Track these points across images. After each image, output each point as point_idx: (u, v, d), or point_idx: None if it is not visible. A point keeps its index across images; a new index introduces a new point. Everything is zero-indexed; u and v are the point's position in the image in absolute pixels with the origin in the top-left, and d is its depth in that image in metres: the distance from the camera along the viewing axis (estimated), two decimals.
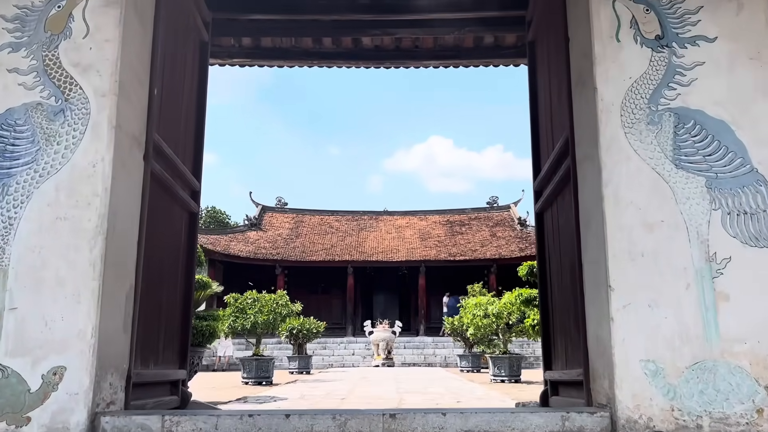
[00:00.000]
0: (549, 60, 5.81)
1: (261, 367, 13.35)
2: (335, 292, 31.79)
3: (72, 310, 3.90)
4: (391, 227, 33.96)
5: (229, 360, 23.34)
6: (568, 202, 4.99)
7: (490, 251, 29.36)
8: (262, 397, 8.96)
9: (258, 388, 12.03)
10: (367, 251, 30.14)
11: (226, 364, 23.21)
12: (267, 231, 32.38)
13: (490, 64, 7.46)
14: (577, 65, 4.65)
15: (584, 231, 4.46)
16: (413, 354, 25.21)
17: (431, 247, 30.58)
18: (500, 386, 12.07)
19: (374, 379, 14.11)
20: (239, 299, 13.75)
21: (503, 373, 13.25)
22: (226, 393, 10.65)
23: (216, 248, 27.96)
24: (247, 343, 14.05)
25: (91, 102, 4.18)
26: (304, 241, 31.51)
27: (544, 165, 5.92)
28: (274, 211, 35.11)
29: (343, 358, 25.02)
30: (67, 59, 4.25)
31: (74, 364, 3.81)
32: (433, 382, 12.16)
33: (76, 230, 4.00)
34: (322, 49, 7.22)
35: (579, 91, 4.61)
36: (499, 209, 35.21)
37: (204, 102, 6.50)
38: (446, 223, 34.23)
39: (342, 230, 33.41)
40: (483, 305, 13.60)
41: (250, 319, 13.27)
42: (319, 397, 8.94)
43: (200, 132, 6.41)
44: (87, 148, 4.12)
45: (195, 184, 6.17)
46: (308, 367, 19.57)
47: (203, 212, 50.82)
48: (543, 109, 6.14)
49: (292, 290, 31.21)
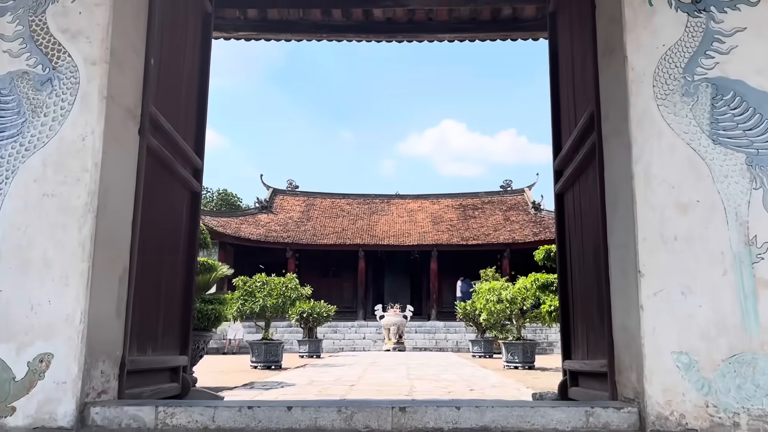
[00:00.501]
0: (572, 31, 5.46)
1: (270, 352, 13.17)
2: (346, 275, 31.62)
3: (60, 294, 3.65)
4: (402, 211, 33.65)
5: (239, 343, 23.26)
6: (593, 182, 4.67)
7: (504, 236, 28.99)
8: (270, 383, 8.75)
9: (266, 373, 11.85)
10: (379, 235, 29.88)
11: (236, 347, 23.14)
12: (278, 214, 32.19)
13: (508, 38, 7.09)
14: (605, 33, 4.30)
15: (611, 212, 4.15)
16: (424, 338, 25.01)
17: (443, 231, 30.26)
18: (514, 373, 11.81)
19: (385, 363, 13.90)
20: (248, 282, 13.55)
21: (517, 359, 12.98)
22: (233, 378, 10.47)
23: (226, 231, 27.82)
24: (257, 326, 13.88)
25: (80, 71, 3.90)
26: (315, 224, 31.29)
27: (565, 143, 5.59)
28: (285, 194, 34.90)
29: (354, 341, 24.87)
30: (55, 24, 3.96)
31: (62, 351, 3.57)
32: (445, 369, 11.92)
33: (64, 208, 3.74)
34: (332, 22, 6.88)
35: (606, 61, 4.27)
36: (513, 193, 34.76)
37: (206, 76, 6.20)
38: (459, 206, 33.86)
39: (353, 213, 33.15)
40: (497, 290, 13.30)
41: (259, 303, 13.07)
42: (327, 383, 8.72)
43: (202, 108, 6.12)
44: (76, 120, 3.85)
45: (197, 161, 5.89)
46: (318, 351, 19.41)
47: (214, 195, 50.76)
48: (564, 83, 5.79)
49: (302, 273, 31.08)
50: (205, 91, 6.16)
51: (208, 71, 6.22)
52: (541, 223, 30.05)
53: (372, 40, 7.09)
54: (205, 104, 6.15)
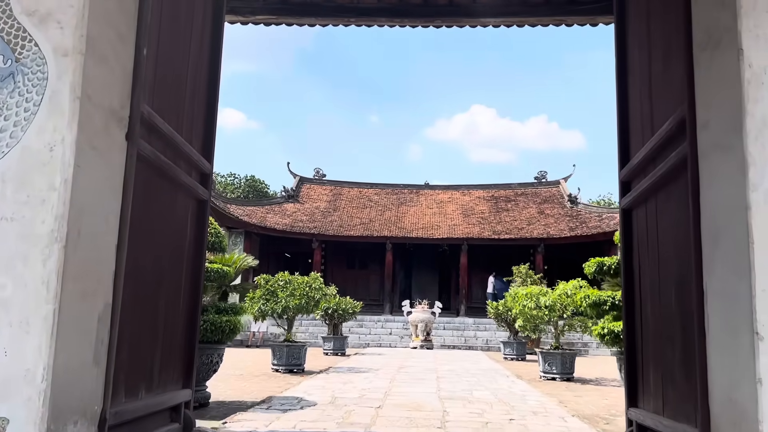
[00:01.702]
0: (650, 15, 4.55)
1: (292, 354, 12.51)
2: (373, 267, 30.92)
3: (18, 343, 2.92)
4: (432, 202, 32.76)
5: (263, 336, 22.74)
6: (679, 203, 3.79)
7: (538, 230, 27.93)
8: (288, 400, 8.05)
9: (288, 379, 11.19)
10: (407, 227, 29.05)
11: (260, 340, 22.63)
12: (304, 203, 31.57)
13: (562, 23, 6.18)
14: (707, 19, 3.40)
15: (709, 247, 3.27)
16: (453, 336, 24.20)
17: (474, 224, 29.30)
18: (552, 387, 10.96)
19: (413, 371, 13.13)
20: (270, 281, 12.87)
21: (554, 370, 12.10)
22: (252, 386, 9.81)
23: (252, 220, 27.27)
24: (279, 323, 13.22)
25: (49, 63, 3.14)
26: (341, 214, 30.59)
27: (636, 151, 4.70)
28: (312, 183, 34.25)
29: (380, 337, 24.18)
30: (20, 6, 3.20)
31: (20, 415, 2.85)
32: (477, 380, 11.10)
33: (25, 235, 3.00)
34: (361, 4, 6.06)
35: (708, 56, 3.37)
36: (548, 185, 33.58)
37: (218, 67, 5.44)
38: (491, 198, 32.83)
39: (381, 204, 32.36)
40: (534, 295, 12.42)
41: (281, 303, 12.39)
42: (350, 401, 7.99)
43: (212, 104, 5.36)
44: (43, 125, 3.10)
45: (204, 165, 5.14)
46: (343, 348, 18.76)
47: (242, 181, 50.39)
48: (637, 80, 4.88)
49: (328, 265, 30.49)
50: (216, 84, 5.40)
51: (220, 61, 5.45)
52: (577, 218, 28.89)
53: (406, 25, 6.25)
54: (215, 99, 5.40)
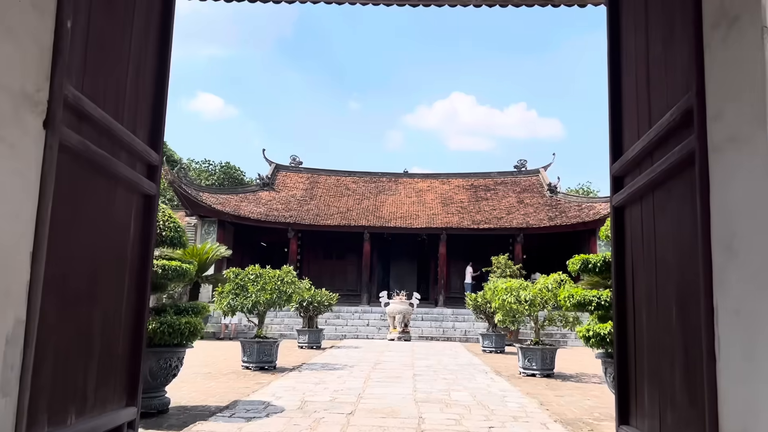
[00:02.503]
0: None
1: (263, 351, 12.01)
2: (350, 257, 30.45)
3: None
4: (411, 191, 32.30)
5: (236, 328, 22.21)
6: (683, 202, 3.36)
7: (517, 219, 27.63)
8: (254, 405, 7.56)
9: (258, 377, 10.71)
10: (385, 216, 28.57)
11: (233, 332, 22.10)
12: (280, 191, 30.91)
13: (549, 4, 5.70)
14: None
15: (723, 257, 2.84)
16: (431, 327, 23.85)
17: (453, 213, 28.92)
18: (532, 384, 10.62)
19: (389, 367, 12.71)
20: (240, 275, 12.32)
21: (534, 366, 11.77)
22: (217, 387, 9.31)
23: (225, 209, 26.60)
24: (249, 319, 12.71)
25: None
26: (318, 203, 30.00)
27: (631, 144, 4.26)
28: (288, 171, 33.57)
29: (357, 329, 23.75)
30: None
31: None
32: (456, 380, 10.70)
33: None
34: None
35: (721, 35, 2.92)
36: (528, 174, 33.29)
37: (167, 48, 4.87)
38: (470, 187, 32.47)
39: (359, 192, 31.82)
40: (515, 290, 12.04)
41: (251, 298, 11.86)
42: (321, 406, 7.54)
43: (161, 89, 4.79)
44: None
45: (152, 156, 4.59)
46: (319, 341, 18.31)
47: (216, 168, 49.42)
48: (631, 65, 4.43)
49: (305, 254, 29.96)
50: (166, 66, 4.84)
51: (170, 40, 4.89)
52: (557, 207, 28.66)
53: (380, 3, 5.72)
54: (164, 84, 4.83)
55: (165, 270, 7.03)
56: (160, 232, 7.29)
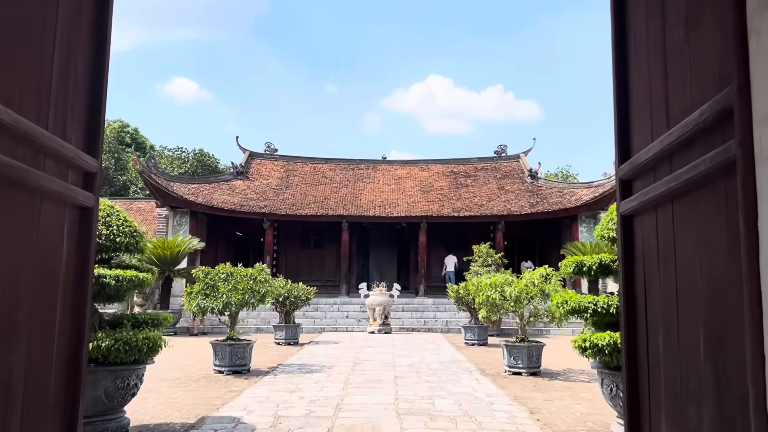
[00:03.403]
0: None
1: (236, 354, 11.39)
2: (329, 247, 29.83)
3: None
4: (390, 178, 31.68)
5: (209, 323, 21.52)
6: (716, 221, 2.80)
7: (498, 207, 27.18)
8: (223, 422, 6.97)
9: (230, 384, 10.11)
10: (364, 205, 27.94)
11: (206, 327, 21.40)
12: (255, 180, 30.08)
13: None
14: None
15: None
16: (412, 318, 23.39)
17: (433, 201, 28.38)
18: (519, 384, 10.17)
19: (369, 367, 12.17)
20: (210, 274, 11.65)
21: (520, 364, 11.31)
22: (185, 398, 8.67)
23: (197, 199, 25.75)
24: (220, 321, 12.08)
25: None
26: (294, 192, 29.24)
27: (644, 145, 3.69)
28: (263, 158, 32.70)
29: (336, 321, 23.19)
30: None
31: None
32: (440, 383, 10.17)
33: None
34: None
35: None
36: (508, 159, 32.83)
37: (105, 31, 4.17)
38: (450, 173, 31.94)
39: (337, 180, 31.13)
40: (499, 285, 11.54)
41: (221, 299, 11.21)
42: (295, 422, 6.97)
43: (98, 87, 4.08)
44: None
45: (87, 162, 3.91)
46: (296, 336, 17.72)
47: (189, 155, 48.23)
48: (642, 52, 3.85)
49: (282, 245, 29.28)
50: (104, 60, 4.12)
51: (108, 22, 4.20)
52: (538, 193, 28.27)
53: None
54: (103, 75, 4.13)
55: (119, 281, 6.37)
56: (114, 238, 6.62)
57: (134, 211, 33.15)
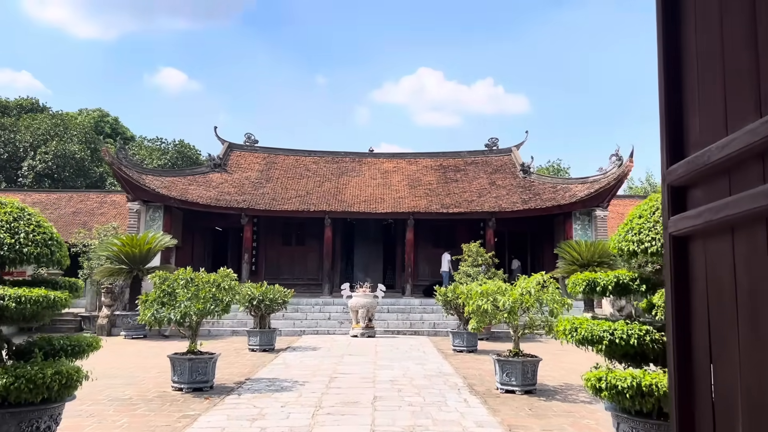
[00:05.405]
0: None
1: (197, 369, 10.18)
2: (311, 243, 28.55)
3: None
4: (376, 172, 30.39)
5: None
6: None
7: (489, 202, 26.00)
8: None
9: (186, 406, 8.91)
10: (348, 200, 26.66)
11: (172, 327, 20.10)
12: (233, 173, 28.69)
13: None
14: None
15: None
16: (398, 320, 22.21)
17: (421, 196, 27.15)
18: (512, 407, 9.05)
19: (347, 384, 10.95)
20: (167, 280, 10.39)
21: (513, 381, 10.18)
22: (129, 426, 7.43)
23: (171, 193, 24.35)
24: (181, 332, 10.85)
25: None
26: (275, 185, 27.89)
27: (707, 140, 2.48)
28: (242, 150, 31.27)
29: (318, 323, 21.96)
30: None
31: None
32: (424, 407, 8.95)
33: None
34: None
35: None
36: (499, 153, 31.63)
37: None
38: (439, 167, 30.70)
39: (320, 174, 29.80)
40: (491, 294, 10.38)
41: (180, 309, 9.98)
42: None
43: None
44: None
45: None
46: (272, 342, 16.50)
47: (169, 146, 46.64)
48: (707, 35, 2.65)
49: (261, 241, 27.99)
50: None
51: None
52: (530, 189, 27.12)
53: None
54: None
55: (20, 303, 5.11)
56: (20, 248, 5.37)
57: (108, 204, 31.70)
